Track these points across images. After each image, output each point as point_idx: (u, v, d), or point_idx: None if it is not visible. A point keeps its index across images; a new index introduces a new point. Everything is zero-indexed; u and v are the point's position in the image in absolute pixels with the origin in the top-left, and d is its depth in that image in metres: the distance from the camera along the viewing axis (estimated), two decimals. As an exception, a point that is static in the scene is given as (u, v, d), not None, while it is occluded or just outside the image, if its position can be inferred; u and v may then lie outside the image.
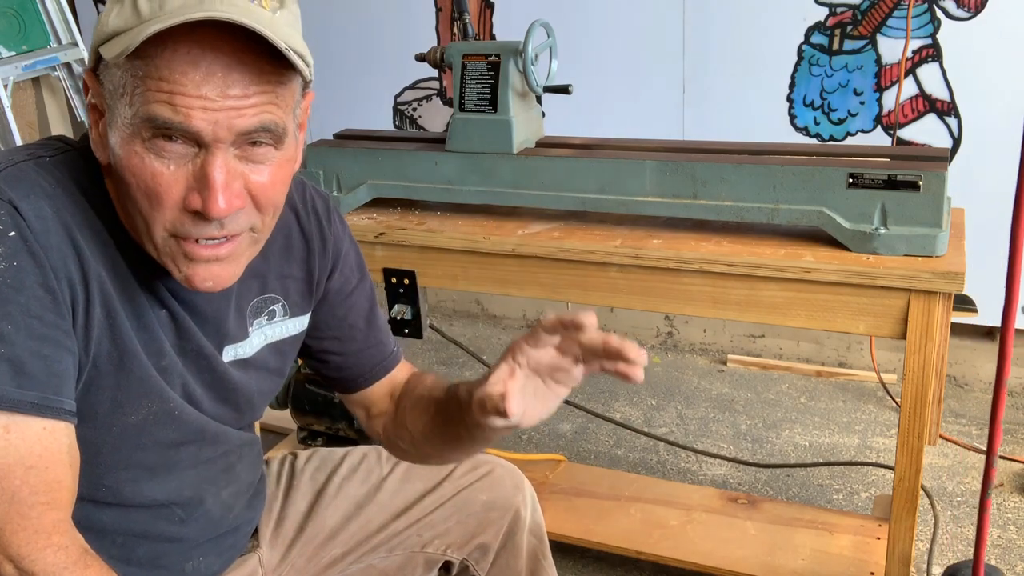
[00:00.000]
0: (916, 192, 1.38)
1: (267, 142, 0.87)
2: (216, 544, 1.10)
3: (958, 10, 2.23)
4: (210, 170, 0.83)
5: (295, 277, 1.09)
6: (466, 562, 1.26)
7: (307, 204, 1.11)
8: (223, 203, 0.84)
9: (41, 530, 0.84)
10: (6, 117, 2.58)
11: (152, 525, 1.02)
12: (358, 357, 1.18)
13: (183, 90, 0.81)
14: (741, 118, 2.49)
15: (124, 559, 1.00)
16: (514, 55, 1.63)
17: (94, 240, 0.89)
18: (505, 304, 3.14)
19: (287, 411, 2.15)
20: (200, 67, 0.81)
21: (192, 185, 0.85)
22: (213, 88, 0.81)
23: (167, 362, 0.96)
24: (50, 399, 0.84)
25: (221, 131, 0.83)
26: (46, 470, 0.85)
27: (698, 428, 2.45)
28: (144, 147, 0.83)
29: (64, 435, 0.86)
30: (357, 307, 1.17)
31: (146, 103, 0.81)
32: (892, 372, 2.60)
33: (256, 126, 0.84)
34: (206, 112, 0.81)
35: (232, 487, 1.10)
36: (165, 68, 0.80)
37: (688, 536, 1.80)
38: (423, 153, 1.71)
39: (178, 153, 0.84)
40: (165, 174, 0.84)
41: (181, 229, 0.86)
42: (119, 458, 0.96)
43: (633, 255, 1.50)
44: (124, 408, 0.94)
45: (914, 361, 1.37)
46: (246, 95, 0.83)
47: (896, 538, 1.48)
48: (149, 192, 0.84)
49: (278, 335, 1.10)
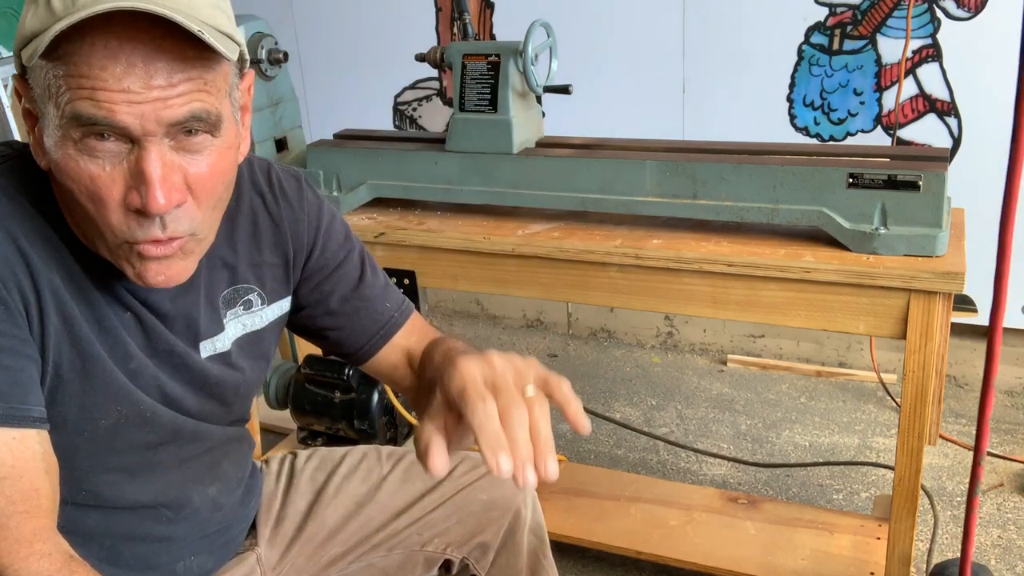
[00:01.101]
0: (916, 192, 1.38)
1: (202, 130, 0.83)
2: (208, 543, 1.10)
3: (958, 10, 2.23)
4: (144, 165, 0.80)
5: (269, 263, 1.07)
6: (466, 561, 1.26)
7: (274, 187, 1.08)
8: (162, 198, 0.81)
9: (22, 539, 0.83)
10: (6, 117, 2.58)
11: (138, 526, 1.02)
12: (354, 329, 1.14)
13: (104, 85, 0.77)
14: (741, 118, 2.49)
15: (112, 562, 1.00)
16: (514, 55, 1.63)
17: (44, 247, 0.87)
18: (505, 304, 3.14)
19: (287, 411, 2.15)
20: (120, 59, 0.77)
21: (130, 183, 0.82)
22: (135, 80, 0.78)
23: (135, 365, 0.94)
24: (16, 408, 0.83)
25: (149, 124, 0.79)
26: (20, 479, 0.84)
27: (698, 428, 2.45)
28: (76, 149, 0.80)
29: (35, 442, 0.85)
30: (345, 279, 1.13)
31: (70, 102, 0.78)
32: (892, 372, 2.60)
33: (186, 115, 0.81)
34: (131, 106, 0.78)
35: (219, 484, 1.09)
36: (84, 64, 0.77)
37: (688, 536, 1.80)
38: (423, 153, 1.71)
39: (111, 151, 0.81)
40: (102, 175, 0.81)
41: (127, 234, 0.84)
42: (95, 462, 0.95)
43: (633, 255, 1.50)
44: (93, 413, 0.92)
45: (914, 361, 1.37)
46: (171, 84, 0.79)
47: (896, 538, 1.48)
48: (91, 195, 0.82)
49: (258, 324, 1.08)
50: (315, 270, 1.11)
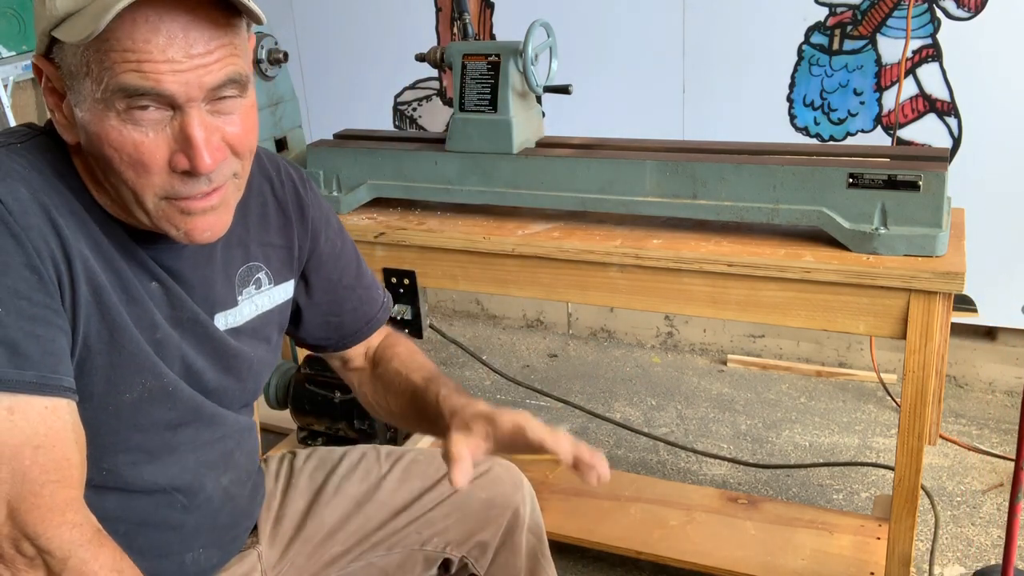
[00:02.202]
0: (916, 192, 1.38)
1: (233, 93, 0.89)
2: (217, 535, 1.11)
3: (958, 10, 2.23)
4: (190, 130, 0.86)
5: (275, 245, 1.12)
6: (465, 560, 1.26)
7: (280, 174, 1.14)
8: (208, 159, 0.87)
9: (55, 508, 0.85)
10: (6, 117, 2.58)
11: (154, 512, 1.03)
12: (352, 315, 1.23)
13: (150, 57, 0.82)
14: (741, 118, 2.49)
15: (126, 547, 1.00)
16: (514, 55, 1.63)
17: (72, 219, 0.90)
18: (505, 304, 3.14)
19: (287, 411, 2.15)
20: (161, 32, 0.83)
21: (174, 147, 0.87)
22: (178, 50, 0.83)
23: (161, 335, 0.97)
24: (48, 377, 0.85)
25: (193, 90, 0.85)
26: (53, 448, 0.85)
27: (698, 428, 2.45)
28: (120, 119, 0.85)
29: (67, 412, 0.87)
30: (348, 267, 1.22)
31: (115, 75, 0.83)
32: (892, 372, 2.60)
33: (224, 79, 0.87)
34: (175, 74, 0.84)
35: (231, 474, 1.10)
36: (128, 39, 0.82)
37: (688, 536, 1.80)
38: (423, 153, 1.71)
39: (154, 119, 0.86)
40: (146, 142, 0.86)
41: (172, 191, 0.89)
42: (117, 440, 0.97)
43: (633, 255, 1.50)
44: (119, 387, 0.94)
45: (914, 361, 1.37)
46: (209, 51, 0.85)
47: (896, 538, 1.48)
48: (134, 161, 0.86)
49: (267, 304, 1.11)
50: (326, 255, 1.18)
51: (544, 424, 1.02)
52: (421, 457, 1.30)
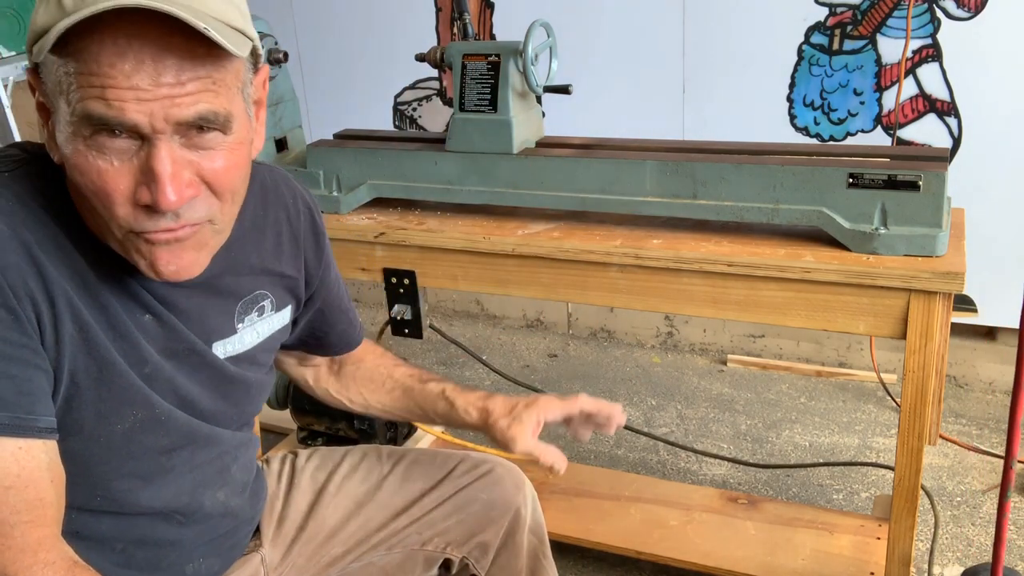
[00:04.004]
0: (916, 192, 1.38)
1: (213, 128, 0.83)
2: (216, 545, 1.10)
3: (958, 10, 2.23)
4: (154, 163, 0.80)
5: (283, 275, 1.11)
6: (466, 560, 1.26)
7: (297, 202, 1.13)
8: (172, 195, 0.81)
9: (27, 548, 0.84)
10: (6, 117, 2.58)
11: (151, 530, 1.02)
12: (339, 336, 1.27)
13: (113, 82, 0.77)
14: (741, 118, 2.49)
15: (124, 564, 1.00)
16: (514, 55, 1.63)
17: (57, 254, 0.87)
18: (505, 304, 3.14)
19: (287, 411, 2.15)
20: (128, 57, 0.77)
21: (140, 179, 0.81)
22: (144, 77, 0.77)
23: (150, 369, 0.95)
24: (22, 419, 0.83)
25: (158, 122, 0.79)
26: (25, 489, 0.84)
27: (698, 428, 2.45)
28: (86, 145, 0.80)
29: (41, 452, 0.85)
30: (342, 290, 1.25)
31: (81, 100, 0.78)
32: (892, 372, 2.60)
33: (193, 116, 0.81)
34: (140, 103, 0.78)
35: (228, 488, 1.10)
36: (94, 61, 0.77)
37: (688, 536, 1.80)
38: (423, 153, 1.71)
39: (121, 148, 0.81)
40: (110, 171, 0.81)
41: (136, 225, 0.84)
42: (110, 468, 0.96)
43: (633, 255, 1.50)
44: (109, 419, 0.92)
45: (914, 361, 1.37)
46: (180, 82, 0.79)
47: (896, 538, 1.48)
48: (98, 190, 0.82)
49: (267, 331, 1.10)
50: (330, 279, 1.20)
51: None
52: (423, 457, 1.30)
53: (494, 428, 1.19)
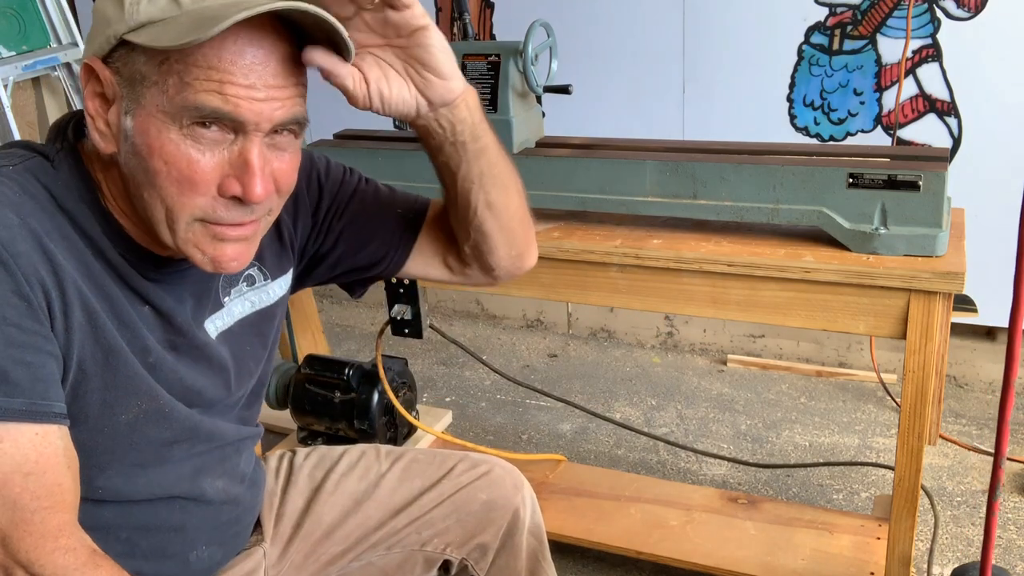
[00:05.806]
0: (916, 192, 1.38)
1: (292, 131, 0.90)
2: (218, 533, 1.11)
3: (958, 10, 2.23)
4: (250, 157, 0.86)
5: (264, 241, 1.06)
6: (465, 562, 1.26)
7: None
8: (261, 189, 0.87)
9: (47, 534, 0.85)
10: (6, 117, 2.58)
11: (154, 517, 1.03)
12: (409, 207, 1.18)
13: (232, 79, 0.82)
14: (741, 118, 2.49)
15: (129, 554, 1.00)
16: (514, 55, 1.63)
17: (63, 244, 0.88)
18: (505, 304, 3.14)
19: (287, 411, 2.15)
20: (246, 56, 0.83)
21: (228, 171, 0.86)
22: (258, 79, 0.84)
23: (154, 359, 0.96)
24: (38, 404, 0.84)
25: (263, 121, 0.85)
26: (44, 474, 0.85)
27: (698, 428, 2.45)
28: (181, 134, 0.84)
29: (57, 438, 0.86)
30: (375, 192, 1.17)
31: (194, 92, 0.82)
32: (892, 372, 2.60)
33: (289, 119, 0.87)
34: (252, 103, 0.84)
35: (227, 476, 1.10)
36: (214, 57, 0.82)
37: (688, 536, 1.80)
38: (423, 153, 1.70)
39: (214, 140, 0.85)
40: (201, 161, 0.85)
41: (213, 215, 0.88)
42: (112, 458, 0.97)
43: (633, 255, 1.50)
44: (114, 408, 0.94)
45: (914, 361, 1.37)
46: (284, 86, 0.86)
47: (896, 538, 1.48)
48: (183, 178, 0.85)
49: (267, 300, 1.11)
50: (331, 213, 1.14)
51: None
52: (421, 457, 1.30)
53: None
